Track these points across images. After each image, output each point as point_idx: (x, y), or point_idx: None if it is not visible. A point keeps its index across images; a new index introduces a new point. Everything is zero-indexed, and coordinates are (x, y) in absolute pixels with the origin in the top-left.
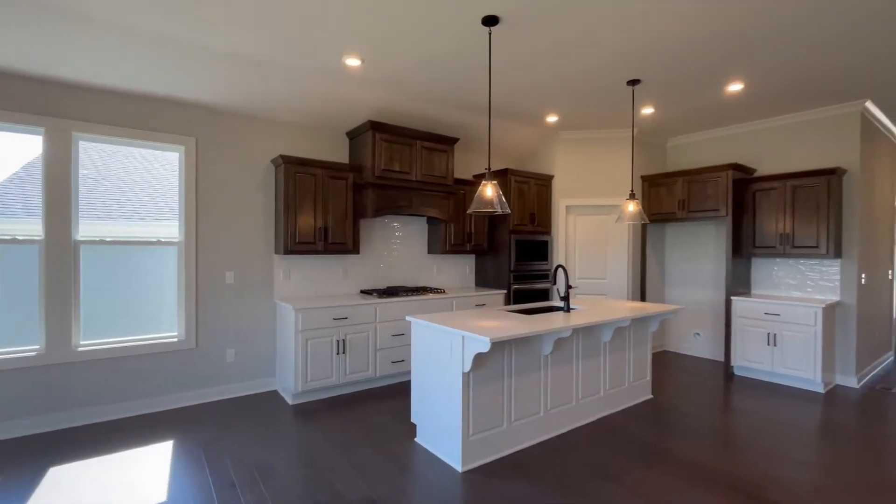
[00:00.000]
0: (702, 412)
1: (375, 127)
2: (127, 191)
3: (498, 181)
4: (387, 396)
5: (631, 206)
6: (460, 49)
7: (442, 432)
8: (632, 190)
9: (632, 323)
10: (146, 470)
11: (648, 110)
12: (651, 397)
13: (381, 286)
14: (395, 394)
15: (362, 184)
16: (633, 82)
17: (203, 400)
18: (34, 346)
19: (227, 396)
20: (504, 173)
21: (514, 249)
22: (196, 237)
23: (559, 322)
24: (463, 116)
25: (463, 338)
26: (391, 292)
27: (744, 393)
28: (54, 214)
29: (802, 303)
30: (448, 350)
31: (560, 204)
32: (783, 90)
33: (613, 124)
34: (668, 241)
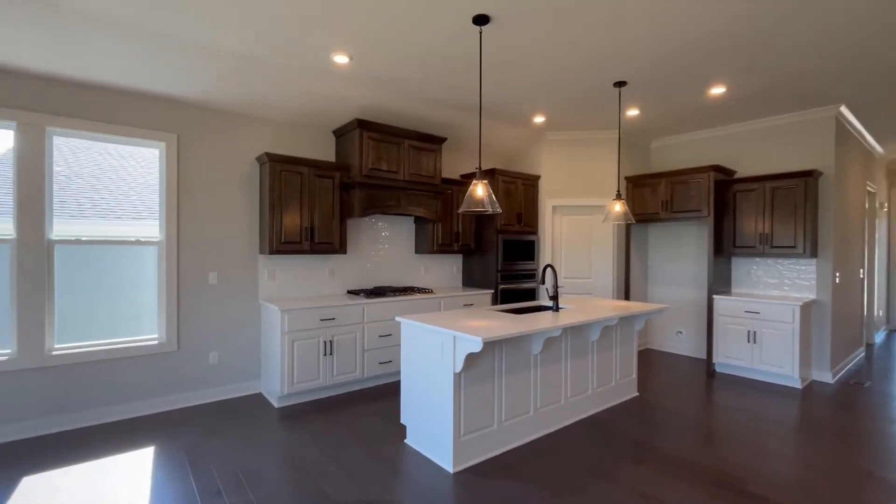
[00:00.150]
0: (686, 409)
1: (363, 125)
2: (101, 189)
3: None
4: (375, 398)
5: (617, 207)
6: (450, 48)
7: (433, 433)
8: (618, 190)
9: (619, 322)
10: (126, 478)
11: (633, 112)
12: (637, 395)
13: (369, 286)
14: (384, 395)
15: (349, 183)
16: (620, 84)
17: (185, 404)
18: (5, 351)
19: (211, 400)
20: (492, 173)
21: (502, 249)
22: (177, 236)
23: (549, 321)
24: (451, 116)
25: (454, 338)
26: (379, 292)
27: (726, 389)
28: (27, 212)
29: (781, 301)
30: (439, 350)
31: (546, 204)
32: (763, 94)
33: (599, 125)
34: (652, 241)
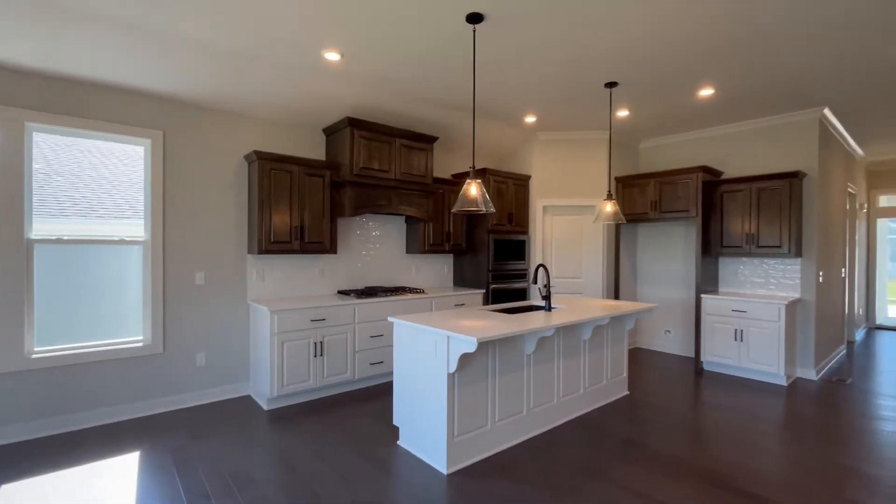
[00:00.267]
0: (676, 407)
1: (354, 124)
2: (82, 187)
3: None
4: (366, 399)
5: (609, 207)
6: (443, 46)
7: (426, 434)
8: (609, 191)
9: (610, 321)
10: (111, 483)
11: (623, 113)
12: (627, 393)
13: (359, 286)
14: (375, 396)
15: (340, 182)
16: (611, 84)
17: (172, 407)
18: None
19: (198, 403)
20: (483, 173)
21: (493, 249)
22: (163, 236)
23: (542, 321)
24: (442, 115)
25: (448, 338)
26: (369, 293)
27: (714, 387)
28: (5, 211)
29: (767, 300)
30: (433, 351)
31: (537, 204)
32: (749, 96)
33: (590, 126)
34: (640, 241)
